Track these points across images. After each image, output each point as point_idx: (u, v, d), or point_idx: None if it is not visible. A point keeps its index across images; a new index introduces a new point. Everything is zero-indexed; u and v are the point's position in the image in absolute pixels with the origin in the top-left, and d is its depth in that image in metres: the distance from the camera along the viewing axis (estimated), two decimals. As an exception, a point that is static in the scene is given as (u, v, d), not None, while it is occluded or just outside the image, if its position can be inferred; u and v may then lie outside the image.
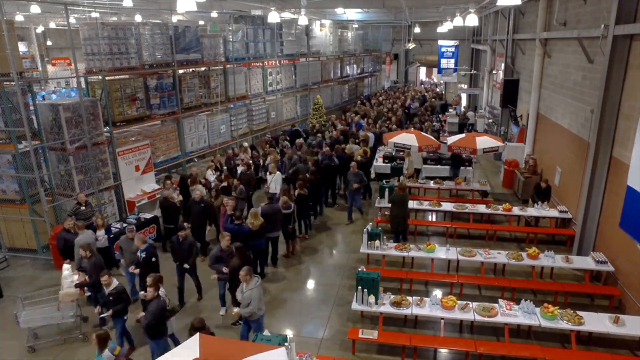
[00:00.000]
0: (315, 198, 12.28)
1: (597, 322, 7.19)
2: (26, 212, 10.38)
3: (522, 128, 16.59)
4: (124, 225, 10.17)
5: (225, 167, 13.61)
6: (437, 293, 8.73)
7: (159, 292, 6.75)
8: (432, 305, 7.64)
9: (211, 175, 12.88)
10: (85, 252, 7.85)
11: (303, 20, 17.04)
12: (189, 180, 11.86)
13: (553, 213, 11.42)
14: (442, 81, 34.41)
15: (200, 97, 15.26)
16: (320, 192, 12.78)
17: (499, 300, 7.78)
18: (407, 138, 13.85)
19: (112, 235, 9.71)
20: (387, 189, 12.14)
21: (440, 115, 25.03)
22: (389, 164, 15.34)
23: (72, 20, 15.47)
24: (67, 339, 7.86)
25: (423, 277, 9.31)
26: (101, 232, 9.36)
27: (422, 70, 38.31)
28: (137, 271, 8.11)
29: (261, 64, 18.96)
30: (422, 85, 37.60)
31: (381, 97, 28.97)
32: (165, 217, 10.77)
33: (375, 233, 9.78)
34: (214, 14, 18.90)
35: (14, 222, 10.67)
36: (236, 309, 7.16)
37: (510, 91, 18.40)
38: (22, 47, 23.64)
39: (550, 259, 9.14)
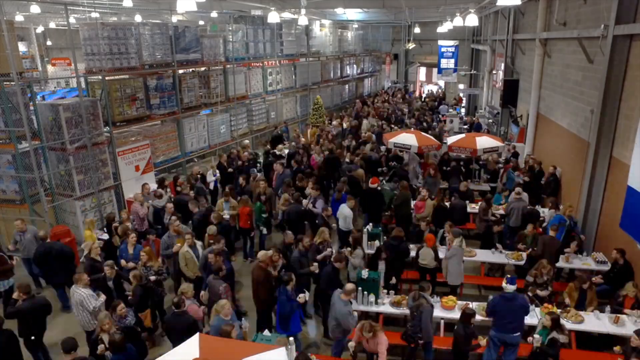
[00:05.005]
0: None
1: (597, 322, 7.20)
2: (26, 212, 10.36)
3: (522, 128, 16.59)
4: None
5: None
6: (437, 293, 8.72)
7: None
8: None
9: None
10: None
11: (303, 21, 17.02)
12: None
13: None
14: (441, 82, 34.36)
15: (200, 97, 15.25)
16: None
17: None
18: (407, 138, 13.84)
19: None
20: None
21: (440, 116, 25.02)
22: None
23: (72, 20, 15.45)
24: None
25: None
26: None
27: (422, 70, 38.22)
28: None
29: (261, 64, 18.95)
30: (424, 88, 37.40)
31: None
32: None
33: (375, 233, 9.78)
34: (214, 14, 18.89)
35: (14, 223, 10.65)
36: None
37: (510, 91, 18.39)
38: (22, 47, 23.60)
39: (550, 259, 9.13)
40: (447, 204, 11.09)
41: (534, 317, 7.29)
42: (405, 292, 8.76)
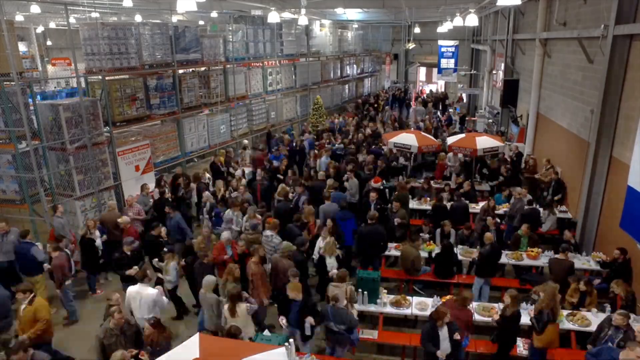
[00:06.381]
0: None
1: (595, 321, 7.19)
2: (26, 212, 10.35)
3: (521, 128, 16.60)
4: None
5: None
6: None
7: None
8: (432, 306, 7.64)
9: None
10: None
11: (303, 20, 17.02)
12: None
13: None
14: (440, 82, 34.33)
15: (200, 97, 15.25)
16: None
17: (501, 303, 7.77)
18: (407, 138, 13.85)
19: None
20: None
21: (440, 115, 25.02)
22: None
23: (72, 20, 15.45)
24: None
25: (423, 277, 9.29)
26: None
27: (422, 70, 38.23)
28: None
29: (261, 64, 18.95)
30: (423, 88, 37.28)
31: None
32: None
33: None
34: (214, 14, 18.88)
35: (14, 222, 10.63)
36: None
37: (510, 91, 18.40)
38: (22, 47, 23.54)
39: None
40: (448, 204, 11.07)
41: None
42: (406, 292, 8.77)
